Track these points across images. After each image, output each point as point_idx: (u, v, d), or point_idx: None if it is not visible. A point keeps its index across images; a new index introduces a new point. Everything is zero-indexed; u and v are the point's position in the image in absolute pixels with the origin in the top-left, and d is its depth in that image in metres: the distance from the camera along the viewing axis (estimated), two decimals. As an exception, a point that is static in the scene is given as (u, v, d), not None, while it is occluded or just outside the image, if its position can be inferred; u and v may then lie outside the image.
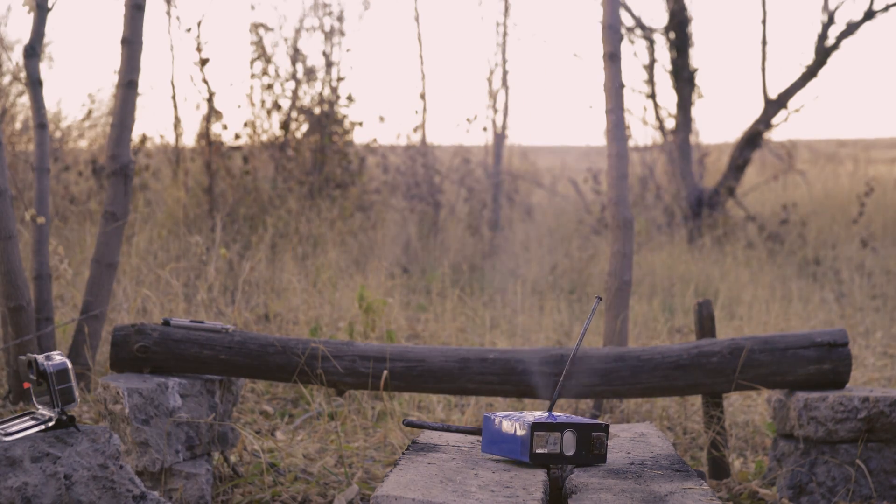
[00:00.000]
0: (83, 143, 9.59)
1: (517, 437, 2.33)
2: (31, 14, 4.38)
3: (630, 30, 10.28)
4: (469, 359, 3.50)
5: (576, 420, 2.35)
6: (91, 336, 4.34)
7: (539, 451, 2.32)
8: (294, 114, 8.98)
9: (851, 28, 9.80)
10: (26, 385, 2.53)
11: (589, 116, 18.84)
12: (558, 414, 2.42)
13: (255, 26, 8.93)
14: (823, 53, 9.83)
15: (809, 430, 3.41)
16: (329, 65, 9.06)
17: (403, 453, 2.43)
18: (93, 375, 4.33)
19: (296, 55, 9.00)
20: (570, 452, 2.33)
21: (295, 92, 8.97)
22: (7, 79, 8.65)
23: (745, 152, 10.03)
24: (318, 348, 3.46)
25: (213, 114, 8.41)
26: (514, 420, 2.35)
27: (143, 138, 8.68)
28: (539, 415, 2.38)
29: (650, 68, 10.37)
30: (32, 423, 2.52)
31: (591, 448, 2.35)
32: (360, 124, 9.09)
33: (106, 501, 2.50)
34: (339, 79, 9.06)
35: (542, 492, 2.17)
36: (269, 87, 8.89)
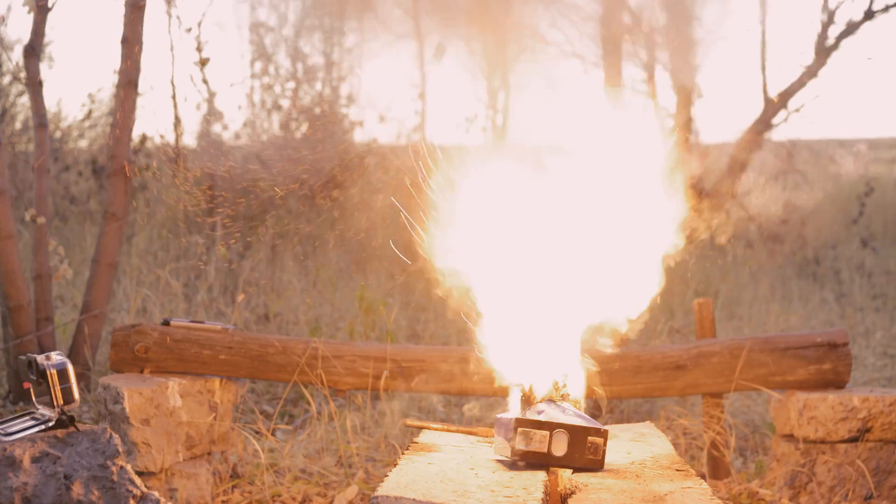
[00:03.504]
0: (83, 143, 9.58)
1: (507, 434, 2.31)
2: (31, 14, 4.38)
3: (630, 30, 10.27)
4: (469, 359, 3.50)
5: (570, 421, 2.30)
6: (91, 336, 4.33)
7: (521, 447, 2.27)
8: (294, 114, 8.98)
9: (851, 28, 9.79)
10: (26, 385, 2.53)
11: (588, 116, 18.76)
12: (563, 408, 2.36)
13: (255, 26, 8.93)
14: (823, 53, 9.83)
15: (809, 430, 3.40)
16: (329, 65, 9.06)
17: (403, 453, 2.43)
18: (93, 375, 4.33)
19: (296, 55, 9.00)
20: (559, 453, 2.28)
21: (295, 92, 8.97)
22: (7, 79, 8.65)
23: (745, 152, 10.03)
24: (317, 348, 3.46)
25: (213, 114, 8.41)
26: (510, 416, 2.33)
27: (143, 138, 8.68)
28: (542, 409, 2.34)
29: (650, 68, 10.36)
30: (32, 423, 2.52)
31: (584, 452, 2.29)
32: (361, 124, 9.09)
33: (106, 501, 2.50)
34: (339, 79, 9.06)
35: (542, 492, 2.16)
36: (269, 87, 8.89)
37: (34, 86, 4.38)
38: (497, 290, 2.60)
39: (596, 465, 2.30)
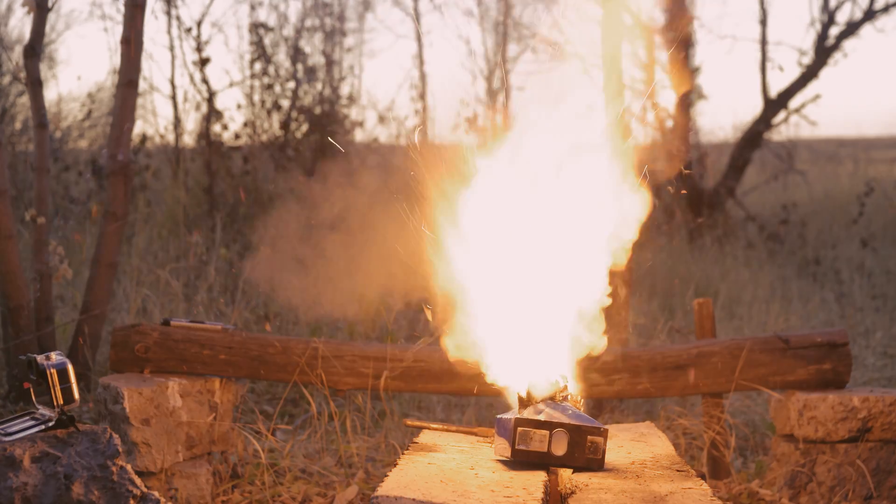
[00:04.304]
0: (83, 143, 9.58)
1: (506, 433, 2.30)
2: (31, 14, 4.38)
3: (630, 29, 10.26)
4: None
5: (571, 420, 2.30)
6: (91, 336, 4.33)
7: (521, 447, 2.27)
8: (294, 114, 8.98)
9: (851, 28, 9.80)
10: (26, 385, 2.53)
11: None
12: (563, 408, 2.36)
13: (255, 26, 8.93)
14: (823, 53, 9.83)
15: (809, 430, 3.40)
16: (329, 65, 9.06)
17: (403, 453, 2.43)
18: (93, 375, 4.33)
19: (296, 55, 9.00)
20: (559, 453, 2.28)
21: (295, 92, 8.97)
22: (7, 79, 8.65)
23: (745, 152, 10.03)
24: (318, 348, 3.46)
25: (213, 114, 8.41)
26: (510, 416, 2.33)
27: (143, 138, 8.68)
28: (542, 409, 2.34)
29: (650, 68, 10.36)
30: (32, 423, 2.52)
31: (584, 451, 2.29)
32: (361, 124, 9.09)
33: (106, 501, 2.49)
34: (340, 79, 9.06)
35: (543, 492, 2.16)
36: (269, 87, 8.89)
37: (34, 86, 4.38)
38: (491, 290, 2.59)
39: (596, 465, 2.30)
